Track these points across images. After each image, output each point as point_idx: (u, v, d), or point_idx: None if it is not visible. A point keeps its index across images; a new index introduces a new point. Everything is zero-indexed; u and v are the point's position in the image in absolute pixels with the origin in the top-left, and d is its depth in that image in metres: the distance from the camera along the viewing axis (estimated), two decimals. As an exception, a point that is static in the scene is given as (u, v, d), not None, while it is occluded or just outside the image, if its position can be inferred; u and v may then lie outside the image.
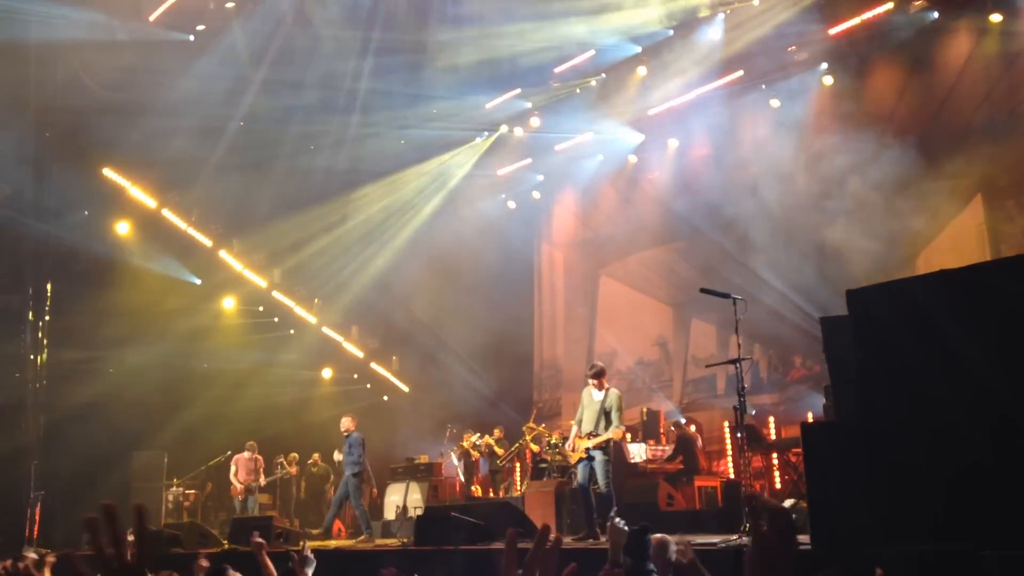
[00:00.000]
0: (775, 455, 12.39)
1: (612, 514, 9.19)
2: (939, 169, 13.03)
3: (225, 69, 14.88)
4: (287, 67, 15.12)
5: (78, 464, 14.68)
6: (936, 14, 13.47)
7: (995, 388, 4.80)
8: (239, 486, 14.71)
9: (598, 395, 9.60)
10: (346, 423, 12.75)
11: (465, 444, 15.48)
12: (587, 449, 9.42)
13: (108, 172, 16.70)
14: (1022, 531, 4.34)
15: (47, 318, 15.87)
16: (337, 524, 15.93)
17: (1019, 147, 12.89)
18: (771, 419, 14.26)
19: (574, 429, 9.83)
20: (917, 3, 13.45)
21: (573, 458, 9.75)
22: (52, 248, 15.80)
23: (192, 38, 14.84)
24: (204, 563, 7.64)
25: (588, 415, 9.63)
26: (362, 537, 12.07)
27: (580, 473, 9.58)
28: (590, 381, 9.70)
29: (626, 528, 4.63)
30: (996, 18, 13.08)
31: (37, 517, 14.13)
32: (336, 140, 16.55)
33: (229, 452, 15.34)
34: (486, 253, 18.01)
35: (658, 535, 4.93)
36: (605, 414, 9.44)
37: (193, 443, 15.95)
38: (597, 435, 9.41)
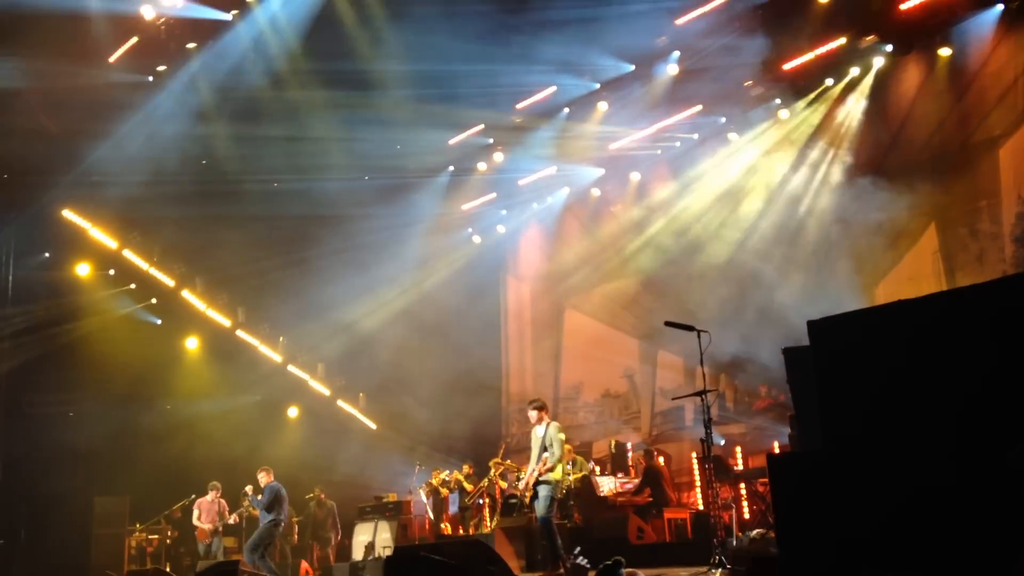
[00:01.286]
0: (743, 485, 12.46)
1: (576, 552, 9.23)
2: (894, 200, 13.31)
3: (184, 108, 14.87)
4: (247, 104, 15.09)
5: (38, 510, 14.41)
6: (888, 48, 13.82)
7: (956, 416, 4.88)
8: (205, 528, 14.47)
9: (540, 430, 9.82)
10: (262, 477, 12.83)
11: (434, 481, 15.38)
12: (534, 486, 9.57)
13: (68, 213, 16.55)
14: (987, 559, 4.41)
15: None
16: (304, 566, 15.75)
17: (970, 177, 13.25)
18: (738, 449, 14.36)
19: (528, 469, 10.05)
20: (868, 38, 13.79)
21: (527, 498, 9.99)
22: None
23: (151, 79, 14.79)
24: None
25: (533, 452, 9.86)
26: None
27: (536, 509, 9.76)
28: (531, 417, 9.90)
29: (587, 565, 4.64)
30: (945, 52, 13.45)
31: (-4, 566, 13.80)
32: (298, 177, 16.52)
33: (193, 496, 15.09)
34: (452, 288, 18.03)
35: (629, 571, 4.95)
36: (544, 448, 9.59)
37: (157, 487, 15.69)
38: (535, 471, 9.70)
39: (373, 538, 14.87)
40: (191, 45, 14.38)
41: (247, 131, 15.34)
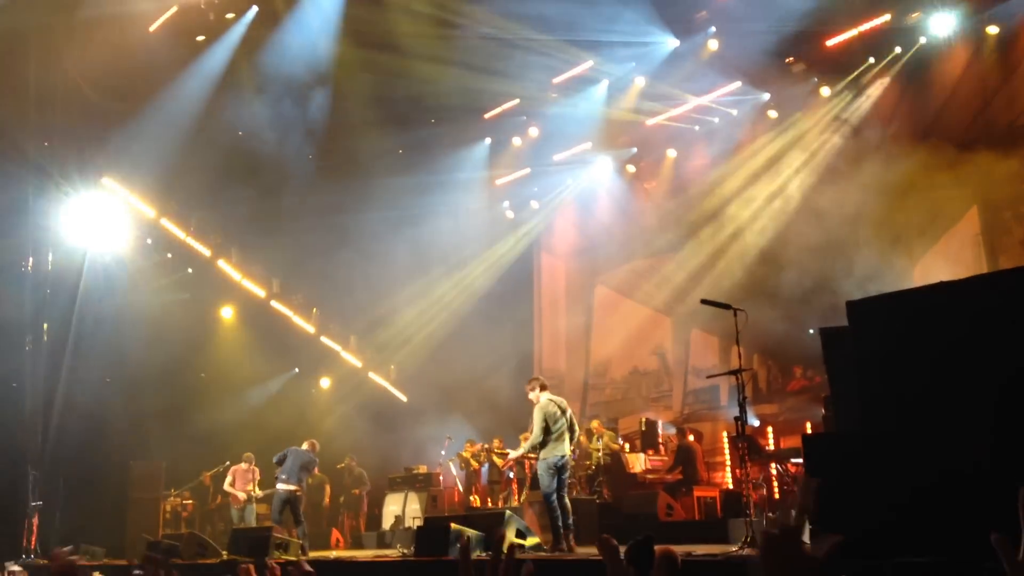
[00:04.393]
0: (773, 465, 12.40)
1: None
2: (936, 182, 13.09)
3: (224, 77, 14.95)
4: (282, 69, 15.12)
5: (77, 474, 14.67)
6: (932, 25, 13.54)
7: (996, 399, 4.82)
8: (239, 495, 14.69)
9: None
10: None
11: (466, 454, 15.47)
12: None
13: (107, 181, 16.73)
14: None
15: (45, 326, 15.82)
16: (335, 534, 15.96)
17: (1016, 159, 12.97)
18: (769, 429, 14.29)
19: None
20: (914, 15, 13.52)
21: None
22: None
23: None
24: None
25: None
26: None
27: None
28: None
29: (615, 543, 4.62)
30: (993, 30, 13.16)
31: (35, 527, 14.09)
32: (333, 145, 16.59)
33: (228, 463, 15.31)
34: (486, 262, 18.05)
35: (662, 547, 4.94)
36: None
37: (191, 453, 15.93)
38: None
39: (403, 509, 15.01)
40: (230, 15, 14.43)
41: (287, 102, 15.41)
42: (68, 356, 15.32)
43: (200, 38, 14.85)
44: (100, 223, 16.05)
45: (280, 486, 12.39)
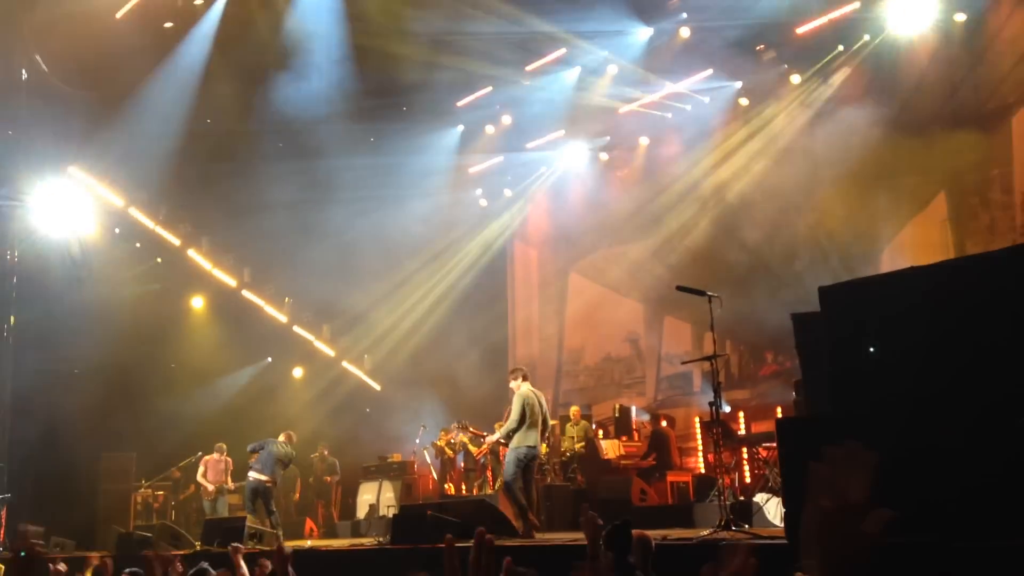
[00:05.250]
0: (745, 450, 12.53)
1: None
2: (904, 168, 13.24)
3: (191, 66, 14.77)
4: (251, 56, 14.96)
5: (46, 466, 14.51)
6: (900, 13, 13.65)
7: (966, 382, 4.90)
8: (209, 487, 14.59)
9: None
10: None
11: (440, 442, 15.48)
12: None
13: (75, 171, 16.48)
14: (992, 522, 4.44)
15: (12, 319, 15.61)
16: (309, 523, 15.92)
17: (983, 145, 13.14)
18: (741, 414, 14.42)
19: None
20: (883, 2, 13.62)
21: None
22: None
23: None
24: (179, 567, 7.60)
25: None
26: None
27: None
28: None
29: (600, 521, 4.65)
30: (960, 17, 13.28)
31: (3, 521, 13.92)
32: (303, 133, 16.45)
33: (200, 453, 15.21)
34: (459, 250, 18.01)
35: (637, 532, 4.98)
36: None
37: (163, 444, 15.81)
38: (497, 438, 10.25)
39: (377, 497, 15.02)
40: (199, 1, 14.26)
41: (254, 89, 15.25)
42: (36, 348, 15.12)
43: (168, 25, 14.66)
44: (67, 213, 15.82)
45: (252, 475, 12.34)
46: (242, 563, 6.23)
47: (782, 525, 7.08)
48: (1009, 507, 4.30)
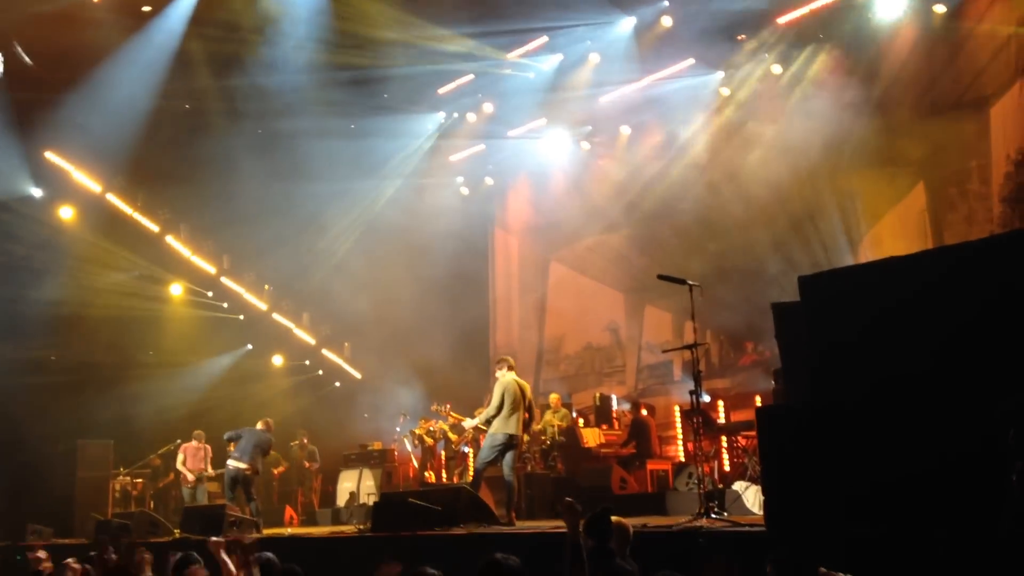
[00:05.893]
0: (724, 438, 12.59)
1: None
2: (883, 156, 13.30)
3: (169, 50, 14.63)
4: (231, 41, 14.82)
5: (23, 454, 14.40)
6: (880, 3, 13.69)
7: (941, 372, 4.95)
8: (189, 475, 14.52)
9: None
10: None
11: (420, 431, 15.46)
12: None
13: (51, 155, 16.31)
14: (972, 512, 4.49)
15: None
16: (289, 511, 15.88)
17: (962, 136, 13.21)
18: (720, 403, 14.48)
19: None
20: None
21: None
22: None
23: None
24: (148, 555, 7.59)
25: None
26: None
27: None
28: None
29: (580, 508, 4.67)
30: (940, 8, 13.33)
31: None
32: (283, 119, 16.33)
33: (178, 441, 15.13)
34: (440, 239, 17.95)
35: (615, 519, 5.01)
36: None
37: (141, 432, 15.73)
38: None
39: (357, 485, 15.00)
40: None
41: (231, 73, 15.13)
42: (10, 335, 14.97)
43: (146, 8, 14.49)
44: (43, 198, 15.66)
45: (231, 463, 12.28)
46: (224, 556, 6.21)
47: (761, 513, 7.13)
48: (986, 494, 4.34)
